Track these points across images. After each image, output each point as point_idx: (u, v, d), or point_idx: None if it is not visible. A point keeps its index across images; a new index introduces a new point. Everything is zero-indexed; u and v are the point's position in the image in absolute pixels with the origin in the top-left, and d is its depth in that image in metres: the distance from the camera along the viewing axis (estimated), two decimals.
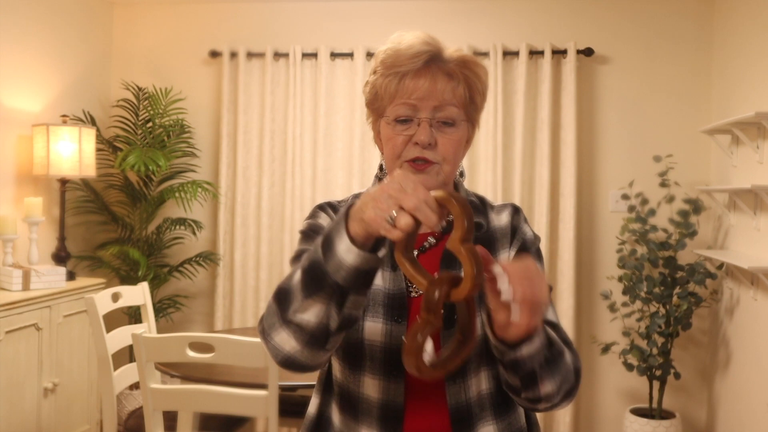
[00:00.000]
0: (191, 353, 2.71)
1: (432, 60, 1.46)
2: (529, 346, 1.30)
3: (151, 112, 5.04)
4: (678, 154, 4.74)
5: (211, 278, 5.20)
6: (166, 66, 5.27)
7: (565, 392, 1.42)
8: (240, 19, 5.20)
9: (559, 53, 4.80)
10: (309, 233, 1.55)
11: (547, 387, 1.36)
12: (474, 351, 1.45)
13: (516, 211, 1.61)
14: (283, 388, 2.92)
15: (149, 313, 3.79)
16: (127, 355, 4.55)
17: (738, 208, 4.24)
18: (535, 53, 4.81)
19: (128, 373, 3.39)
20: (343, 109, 5.01)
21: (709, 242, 4.76)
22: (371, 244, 1.25)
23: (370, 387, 1.48)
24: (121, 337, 3.41)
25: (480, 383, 1.49)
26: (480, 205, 1.60)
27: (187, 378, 3.07)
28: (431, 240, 1.55)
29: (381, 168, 1.63)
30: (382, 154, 1.56)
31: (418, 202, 1.17)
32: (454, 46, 1.52)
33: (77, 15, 4.94)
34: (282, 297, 1.34)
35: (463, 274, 1.19)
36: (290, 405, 3.60)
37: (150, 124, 5.04)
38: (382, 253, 1.27)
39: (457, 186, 1.60)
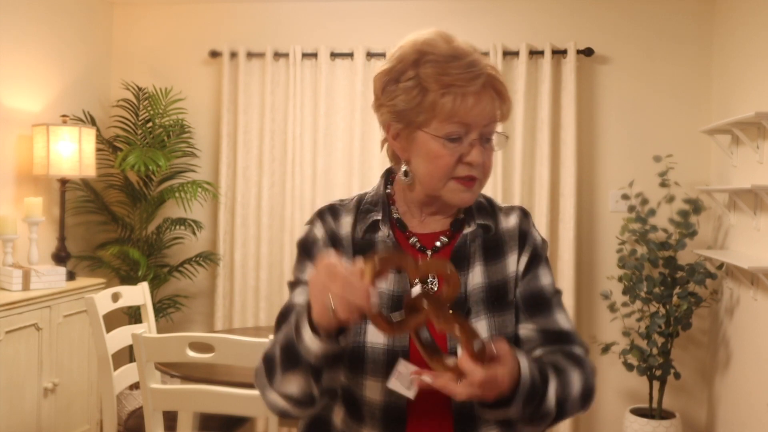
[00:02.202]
0: (191, 353, 2.71)
1: (486, 79, 1.44)
2: (498, 413, 1.38)
3: (151, 112, 5.07)
4: (678, 154, 4.76)
5: (211, 278, 5.23)
6: (166, 66, 5.31)
7: (568, 416, 1.47)
8: (240, 19, 5.23)
9: (559, 53, 4.83)
10: (303, 249, 1.60)
11: (528, 429, 1.43)
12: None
13: (525, 214, 1.62)
14: None
15: (149, 313, 3.81)
16: (127, 355, 4.56)
17: (738, 208, 4.27)
18: (535, 53, 4.85)
19: (128, 373, 3.41)
20: (343, 109, 5.04)
21: (709, 242, 4.78)
22: (335, 328, 1.31)
23: (373, 390, 1.48)
24: (121, 337, 3.42)
25: None
26: (488, 207, 1.61)
27: (187, 378, 3.09)
28: (443, 239, 1.56)
29: (389, 173, 1.63)
30: (405, 162, 1.53)
31: (343, 288, 1.24)
32: (472, 43, 1.51)
33: (77, 15, 4.97)
34: (268, 365, 1.44)
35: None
36: None
37: (150, 124, 5.07)
38: (344, 340, 1.34)
39: None
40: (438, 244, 1.56)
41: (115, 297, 3.55)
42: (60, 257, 4.53)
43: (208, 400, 2.69)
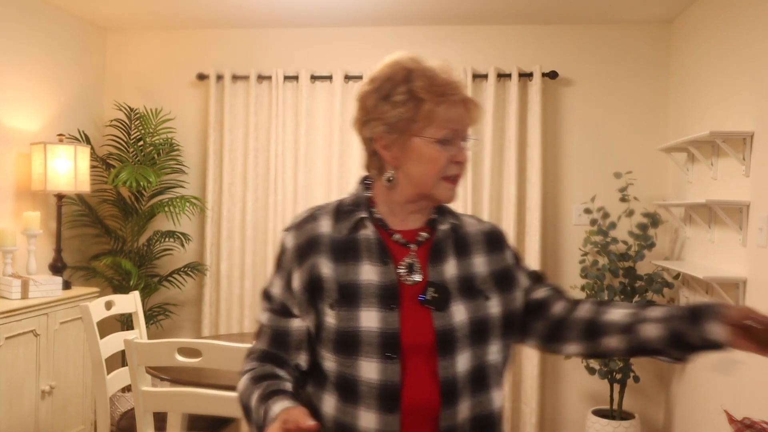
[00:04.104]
0: (180, 358, 2.74)
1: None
2: None
3: (142, 132, 5.12)
4: (637, 171, 4.88)
5: (198, 287, 5.29)
6: (156, 88, 5.36)
7: None
8: (226, 44, 5.30)
9: (525, 76, 4.92)
10: (276, 259, 1.68)
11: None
12: (463, 331, 1.57)
13: (487, 222, 1.77)
14: None
15: (140, 320, 3.85)
16: (119, 359, 4.64)
17: (693, 221, 4.35)
18: (503, 76, 4.94)
19: (121, 377, 3.45)
20: (322, 129, 5.10)
21: (667, 253, 4.86)
22: None
23: (368, 370, 1.53)
24: (114, 342, 3.45)
25: (465, 361, 1.56)
26: (451, 210, 1.74)
27: (176, 381, 3.11)
28: (423, 234, 1.66)
29: (365, 179, 1.71)
30: (390, 166, 1.62)
31: None
32: None
33: (73, 41, 5.02)
34: (246, 411, 1.59)
35: None
36: None
37: (141, 143, 5.11)
38: None
39: None
40: (419, 239, 1.65)
41: (109, 305, 3.57)
42: (57, 268, 4.55)
43: (195, 401, 2.71)
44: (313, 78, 5.13)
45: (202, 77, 5.27)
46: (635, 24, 4.93)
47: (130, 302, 3.81)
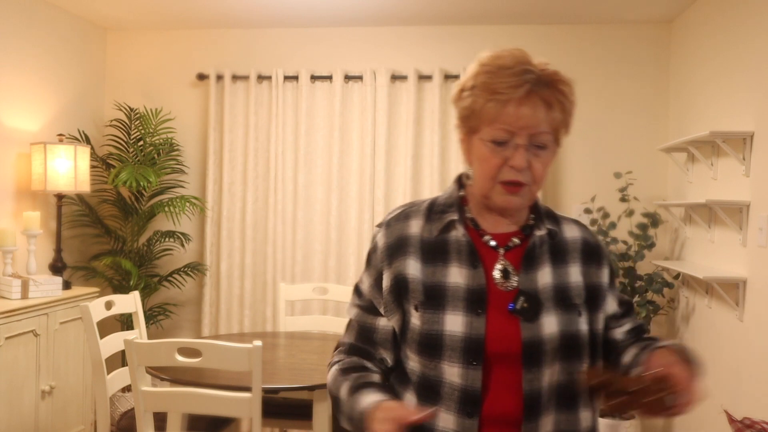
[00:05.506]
0: (180, 358, 2.75)
1: (533, 87, 1.46)
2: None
3: (142, 132, 5.13)
4: (637, 171, 4.89)
5: (198, 287, 5.31)
6: (157, 88, 5.38)
7: None
8: (226, 44, 5.32)
9: None
10: (367, 257, 1.69)
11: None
12: (552, 344, 1.51)
13: (586, 228, 1.69)
14: (266, 391, 2.96)
15: (140, 320, 3.85)
16: (119, 359, 4.65)
17: (693, 221, 4.36)
18: None
19: (121, 377, 3.46)
20: (322, 129, 5.11)
21: (667, 253, 4.87)
22: None
23: (450, 373, 1.51)
24: (114, 342, 3.46)
25: (553, 375, 1.51)
26: (553, 215, 1.66)
27: (176, 381, 3.09)
28: (515, 240, 1.59)
29: (462, 178, 1.67)
30: (470, 166, 1.59)
31: None
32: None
33: (73, 40, 5.03)
34: (334, 402, 1.63)
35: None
36: (273, 406, 3.69)
37: (141, 143, 5.12)
38: None
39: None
40: (510, 244, 1.58)
41: (109, 305, 3.58)
42: (57, 268, 4.55)
43: (195, 401, 2.74)
44: (313, 78, 5.14)
45: (202, 77, 5.28)
46: (635, 24, 4.94)
47: (130, 302, 3.81)
